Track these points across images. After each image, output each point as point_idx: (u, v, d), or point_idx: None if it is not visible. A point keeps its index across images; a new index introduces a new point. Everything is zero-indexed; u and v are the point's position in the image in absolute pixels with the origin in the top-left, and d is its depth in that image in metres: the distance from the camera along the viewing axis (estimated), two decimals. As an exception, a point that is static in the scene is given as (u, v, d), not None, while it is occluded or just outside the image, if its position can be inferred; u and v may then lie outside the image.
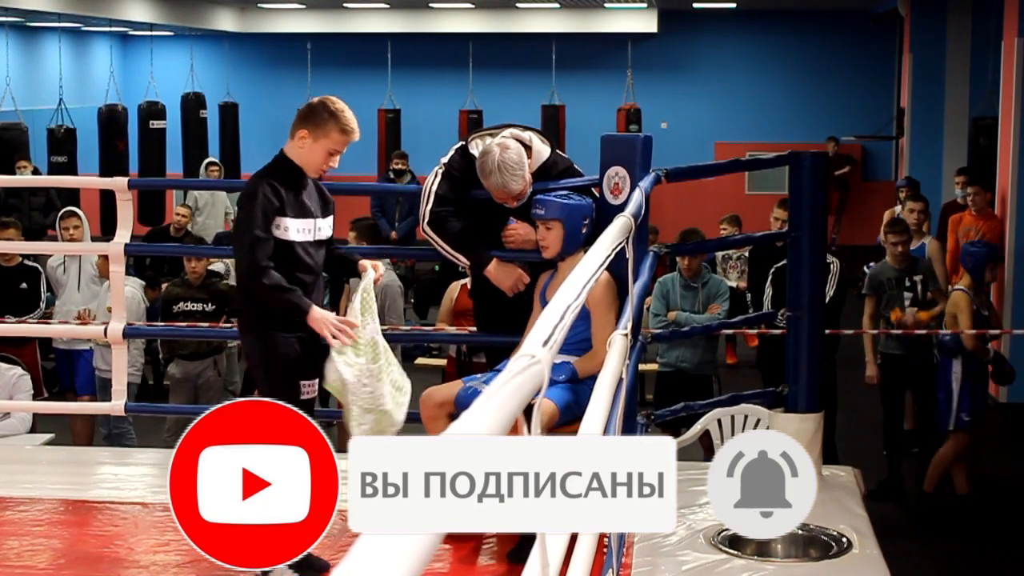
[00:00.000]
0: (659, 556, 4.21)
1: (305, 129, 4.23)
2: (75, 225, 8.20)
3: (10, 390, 6.98)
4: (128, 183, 5.53)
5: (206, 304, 8.01)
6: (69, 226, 8.20)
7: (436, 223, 4.77)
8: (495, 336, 5.03)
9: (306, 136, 4.23)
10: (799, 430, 5.02)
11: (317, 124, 4.22)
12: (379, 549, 1.09)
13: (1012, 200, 10.23)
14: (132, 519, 4.85)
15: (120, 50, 20.32)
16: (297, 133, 4.25)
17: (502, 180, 4.58)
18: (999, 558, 7.22)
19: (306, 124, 4.24)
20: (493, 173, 4.58)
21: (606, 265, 2.92)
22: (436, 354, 10.02)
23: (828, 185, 5.55)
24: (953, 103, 14.95)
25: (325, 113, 4.22)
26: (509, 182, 4.59)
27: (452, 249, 4.79)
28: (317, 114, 4.23)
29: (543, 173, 4.78)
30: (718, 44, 19.64)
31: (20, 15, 15.94)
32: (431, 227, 4.78)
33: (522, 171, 4.61)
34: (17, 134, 13.75)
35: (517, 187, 4.62)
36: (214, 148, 17.21)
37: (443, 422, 4.45)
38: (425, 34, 19.11)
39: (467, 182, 4.80)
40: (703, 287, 7.65)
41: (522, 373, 1.60)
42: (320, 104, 4.25)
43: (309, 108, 4.28)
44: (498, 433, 1.46)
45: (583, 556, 2.29)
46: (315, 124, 4.23)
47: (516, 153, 4.60)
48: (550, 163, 4.82)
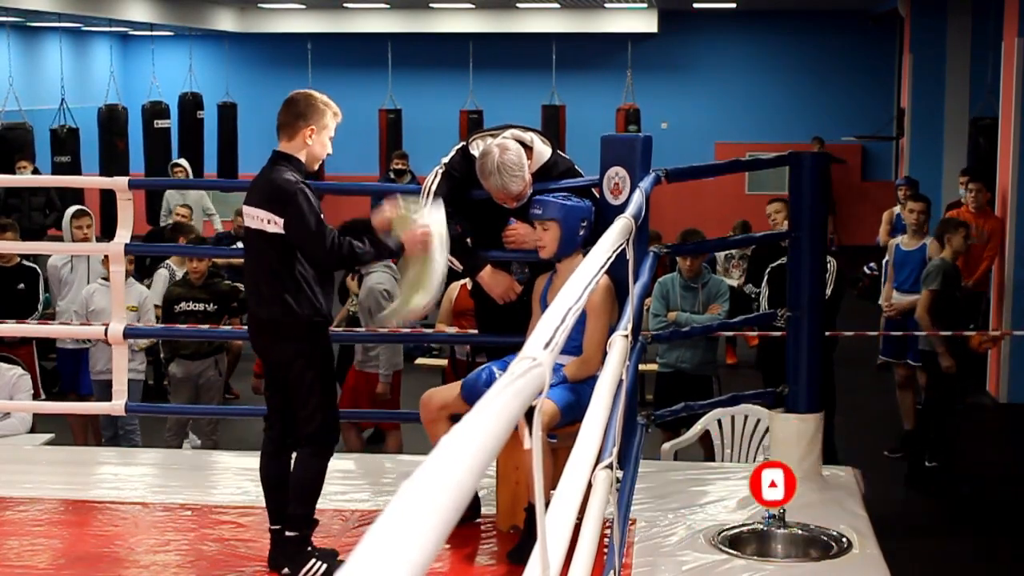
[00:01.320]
0: (659, 556, 4.21)
1: (310, 126, 4.27)
2: (88, 224, 8.24)
3: (10, 390, 6.99)
4: (128, 183, 5.53)
5: (208, 304, 8.01)
6: (83, 225, 8.24)
7: None
8: (495, 336, 5.03)
9: (312, 132, 4.27)
10: (799, 430, 5.03)
11: (316, 117, 4.28)
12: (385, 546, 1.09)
13: (1012, 200, 10.23)
14: (132, 519, 4.85)
15: (120, 50, 20.32)
16: (301, 133, 4.27)
17: (501, 181, 4.58)
18: (999, 558, 7.22)
19: (308, 121, 4.27)
20: (493, 174, 4.58)
21: (607, 267, 2.92)
22: (436, 354, 10.02)
23: (828, 185, 5.55)
24: (953, 103, 14.94)
25: (319, 104, 4.28)
26: (508, 183, 4.59)
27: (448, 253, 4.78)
28: (313, 108, 4.27)
29: (544, 174, 4.78)
30: (718, 44, 19.64)
31: (20, 15, 15.94)
32: None
33: (521, 172, 4.61)
34: (22, 134, 13.77)
35: (516, 188, 4.63)
36: (212, 148, 17.20)
37: (444, 424, 4.45)
38: (425, 34, 19.11)
39: (467, 183, 4.80)
40: (703, 287, 7.65)
41: (523, 376, 1.61)
42: (305, 99, 4.29)
43: (304, 105, 4.28)
44: (500, 436, 1.46)
45: (584, 556, 2.29)
46: (315, 118, 4.28)
47: (516, 154, 4.60)
48: (551, 163, 4.82)
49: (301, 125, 4.26)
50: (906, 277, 8.67)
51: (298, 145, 4.29)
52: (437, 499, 1.20)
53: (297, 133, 4.27)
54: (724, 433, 6.27)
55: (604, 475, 2.65)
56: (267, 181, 4.25)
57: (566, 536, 1.92)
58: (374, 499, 4.99)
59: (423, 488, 1.21)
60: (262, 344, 4.39)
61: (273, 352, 4.32)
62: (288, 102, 4.33)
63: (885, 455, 8.82)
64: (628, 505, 3.74)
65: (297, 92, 4.36)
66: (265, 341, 4.35)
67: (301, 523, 4.24)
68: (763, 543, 4.37)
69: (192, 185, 14.25)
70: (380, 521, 1.13)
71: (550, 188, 4.72)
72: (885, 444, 8.90)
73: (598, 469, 2.63)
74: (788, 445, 5.03)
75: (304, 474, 4.25)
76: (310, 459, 4.25)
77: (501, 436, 1.46)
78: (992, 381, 10.51)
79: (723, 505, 4.75)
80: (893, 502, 7.74)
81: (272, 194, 4.21)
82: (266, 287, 4.24)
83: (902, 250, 8.79)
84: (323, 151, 4.34)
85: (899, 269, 8.71)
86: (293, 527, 4.23)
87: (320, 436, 4.25)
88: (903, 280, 8.68)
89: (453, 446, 1.33)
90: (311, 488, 4.25)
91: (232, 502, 4.98)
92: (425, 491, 1.20)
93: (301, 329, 4.22)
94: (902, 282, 8.68)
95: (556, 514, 1.95)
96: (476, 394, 4.14)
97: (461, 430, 1.38)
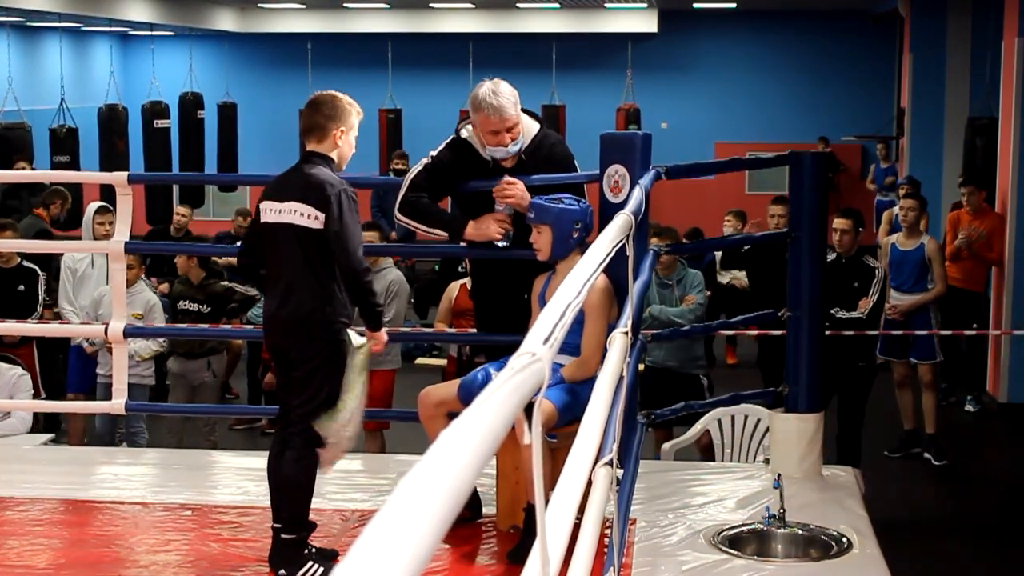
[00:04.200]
0: (659, 556, 4.20)
1: (340, 128, 4.30)
2: (110, 221, 8.24)
3: (10, 390, 6.99)
4: (128, 177, 5.52)
5: (202, 306, 8.05)
6: (105, 221, 8.25)
7: (407, 207, 4.75)
8: (495, 336, 5.02)
9: (342, 133, 4.31)
10: (799, 430, 5.02)
11: (344, 118, 4.32)
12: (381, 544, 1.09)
13: (1012, 200, 10.22)
14: (132, 519, 4.84)
15: (120, 50, 20.32)
16: (331, 135, 4.30)
17: (496, 102, 4.56)
18: (1000, 558, 7.22)
19: (337, 123, 4.30)
20: (485, 98, 4.57)
21: (606, 263, 2.91)
22: (436, 354, 10.02)
23: (828, 185, 5.54)
24: (953, 103, 14.94)
25: (345, 105, 4.33)
26: (504, 105, 4.57)
27: (428, 226, 4.75)
28: (341, 109, 4.31)
29: (536, 146, 4.77)
30: (718, 44, 19.64)
31: (20, 15, 15.94)
32: (402, 212, 4.76)
33: (515, 98, 4.63)
34: (21, 134, 13.76)
35: (511, 112, 4.60)
36: (212, 148, 17.20)
37: (441, 421, 4.44)
38: (425, 34, 19.11)
39: (454, 171, 4.78)
40: (678, 283, 7.62)
41: (522, 371, 1.60)
42: (332, 101, 4.32)
43: (332, 107, 4.31)
44: (499, 432, 1.46)
45: (583, 556, 2.29)
46: (343, 119, 4.32)
47: (507, 86, 4.65)
48: (540, 136, 4.82)
49: (331, 127, 4.29)
50: (906, 277, 8.66)
51: (329, 146, 4.31)
52: (434, 496, 1.19)
53: (328, 135, 4.30)
54: (724, 433, 6.26)
55: (604, 472, 2.65)
56: (306, 177, 4.24)
57: (566, 535, 1.92)
58: (374, 499, 4.98)
59: (420, 485, 1.20)
60: (284, 341, 4.29)
61: (294, 348, 4.25)
62: (315, 104, 4.34)
63: (885, 455, 8.81)
64: (628, 504, 3.73)
65: (322, 94, 4.38)
66: (289, 337, 4.26)
67: (296, 525, 4.21)
68: (763, 543, 4.36)
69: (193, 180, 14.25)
70: (377, 519, 1.12)
71: (553, 182, 4.70)
72: (885, 444, 8.90)
73: (598, 466, 2.63)
74: (788, 445, 5.03)
75: (295, 474, 4.20)
76: (300, 459, 4.20)
77: (499, 432, 1.46)
78: (992, 381, 10.51)
79: (723, 505, 4.75)
80: (893, 502, 7.74)
81: (314, 189, 4.19)
82: (298, 282, 4.21)
83: (899, 249, 8.77)
84: (351, 151, 4.40)
85: (898, 268, 8.70)
86: (288, 529, 4.21)
87: (314, 434, 4.22)
88: (903, 280, 8.66)
89: (451, 443, 1.32)
90: (303, 488, 4.21)
91: (232, 502, 4.98)
92: (422, 488, 1.20)
93: (330, 327, 4.22)
94: (902, 282, 8.66)
95: (556, 513, 1.94)
96: (473, 395, 4.13)
97: (459, 426, 1.37)
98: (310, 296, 4.20)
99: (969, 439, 9.59)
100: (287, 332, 4.27)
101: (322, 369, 4.21)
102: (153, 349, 7.89)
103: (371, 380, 7.48)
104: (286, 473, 4.21)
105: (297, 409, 4.24)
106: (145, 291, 8.06)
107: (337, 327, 4.23)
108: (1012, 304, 10.13)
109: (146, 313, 7.88)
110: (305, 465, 4.21)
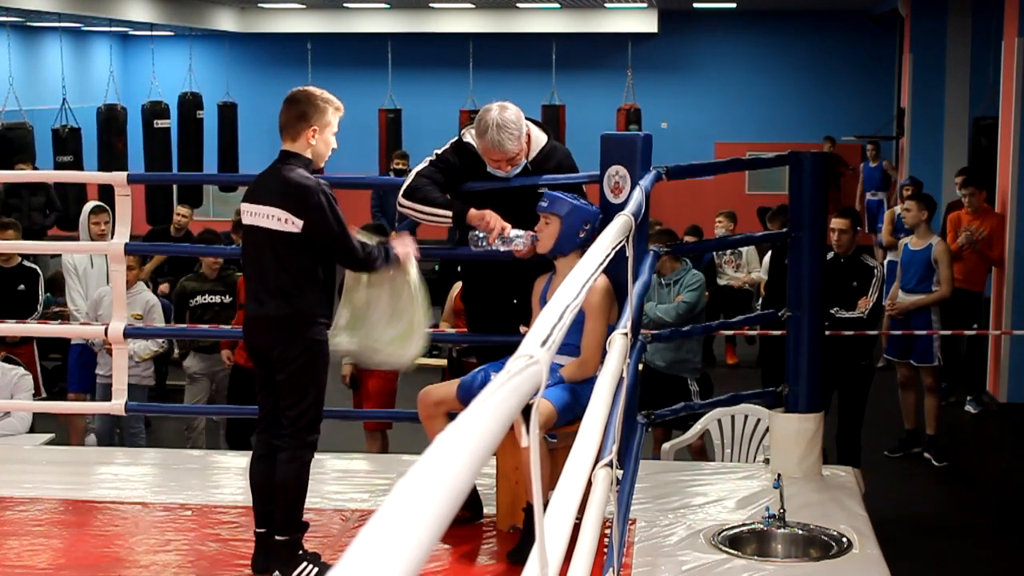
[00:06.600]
0: (659, 556, 4.20)
1: (312, 127, 4.23)
2: (105, 220, 8.24)
3: (11, 389, 6.99)
4: (127, 176, 5.52)
5: (223, 296, 8.05)
6: (100, 221, 8.24)
7: (411, 192, 4.74)
8: (495, 336, 5.01)
9: (315, 132, 4.24)
10: (799, 430, 5.02)
11: (317, 116, 4.24)
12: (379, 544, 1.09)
13: (1012, 200, 10.22)
14: (132, 519, 4.84)
15: (120, 50, 20.31)
16: (304, 134, 4.23)
17: (498, 137, 4.55)
18: (1000, 557, 7.22)
19: (310, 121, 4.23)
20: (490, 128, 4.56)
21: (606, 264, 2.91)
22: (436, 354, 10.01)
23: (828, 185, 5.54)
24: (953, 103, 14.94)
25: (319, 103, 4.24)
26: (505, 140, 4.57)
27: (431, 208, 4.71)
28: (314, 107, 4.24)
29: (542, 159, 4.77)
30: (718, 44, 19.64)
31: (20, 15, 15.94)
32: (406, 197, 4.74)
33: (519, 131, 4.60)
34: (23, 134, 13.76)
35: (512, 147, 4.60)
36: (212, 148, 17.20)
37: (441, 421, 4.45)
38: (425, 34, 19.11)
39: (457, 173, 4.79)
40: (675, 283, 7.61)
41: (520, 373, 1.60)
42: (306, 98, 4.25)
43: (305, 105, 4.24)
44: (496, 433, 1.46)
45: (583, 556, 2.29)
46: (316, 117, 4.24)
47: (514, 114, 4.60)
48: (548, 148, 4.82)
49: (303, 127, 4.23)
50: (911, 277, 8.66)
51: (303, 145, 4.25)
52: (432, 496, 1.19)
53: (300, 134, 4.24)
54: (724, 433, 6.26)
55: (604, 473, 2.65)
56: (281, 180, 4.19)
57: (565, 535, 1.92)
58: (374, 499, 4.98)
59: (418, 486, 1.20)
60: (263, 342, 4.28)
61: (275, 350, 4.23)
62: (289, 102, 4.28)
63: (885, 455, 8.81)
64: (628, 504, 3.73)
65: (297, 91, 4.31)
66: (268, 339, 4.25)
67: (291, 526, 4.19)
68: (763, 543, 4.36)
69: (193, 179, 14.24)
70: (374, 519, 1.12)
71: (558, 183, 4.70)
72: (885, 444, 8.90)
73: (598, 467, 2.63)
74: (788, 445, 5.03)
75: (288, 476, 4.18)
76: (293, 460, 4.19)
77: (497, 434, 1.46)
78: (992, 381, 10.51)
79: (723, 505, 4.75)
80: (893, 502, 7.74)
81: (290, 193, 4.15)
82: (274, 284, 4.18)
83: (909, 249, 8.77)
84: (328, 148, 4.31)
85: (906, 268, 8.71)
86: (282, 531, 4.18)
87: (304, 435, 4.20)
88: (908, 279, 8.67)
89: (449, 443, 1.33)
90: (296, 490, 4.19)
91: (232, 502, 4.98)
92: (420, 489, 1.20)
93: (308, 327, 4.19)
94: (907, 282, 8.66)
95: (555, 513, 1.94)
96: (471, 395, 4.13)
97: (457, 427, 1.37)
98: (287, 298, 4.18)
99: (969, 439, 9.59)
100: (267, 333, 4.24)
101: (306, 370, 4.19)
102: (152, 350, 7.89)
103: (371, 380, 7.57)
104: (280, 475, 4.19)
105: (287, 412, 4.21)
106: (145, 292, 8.07)
107: (316, 328, 4.21)
108: (1012, 304, 10.13)
109: (145, 314, 7.88)
110: (299, 466, 4.19)
